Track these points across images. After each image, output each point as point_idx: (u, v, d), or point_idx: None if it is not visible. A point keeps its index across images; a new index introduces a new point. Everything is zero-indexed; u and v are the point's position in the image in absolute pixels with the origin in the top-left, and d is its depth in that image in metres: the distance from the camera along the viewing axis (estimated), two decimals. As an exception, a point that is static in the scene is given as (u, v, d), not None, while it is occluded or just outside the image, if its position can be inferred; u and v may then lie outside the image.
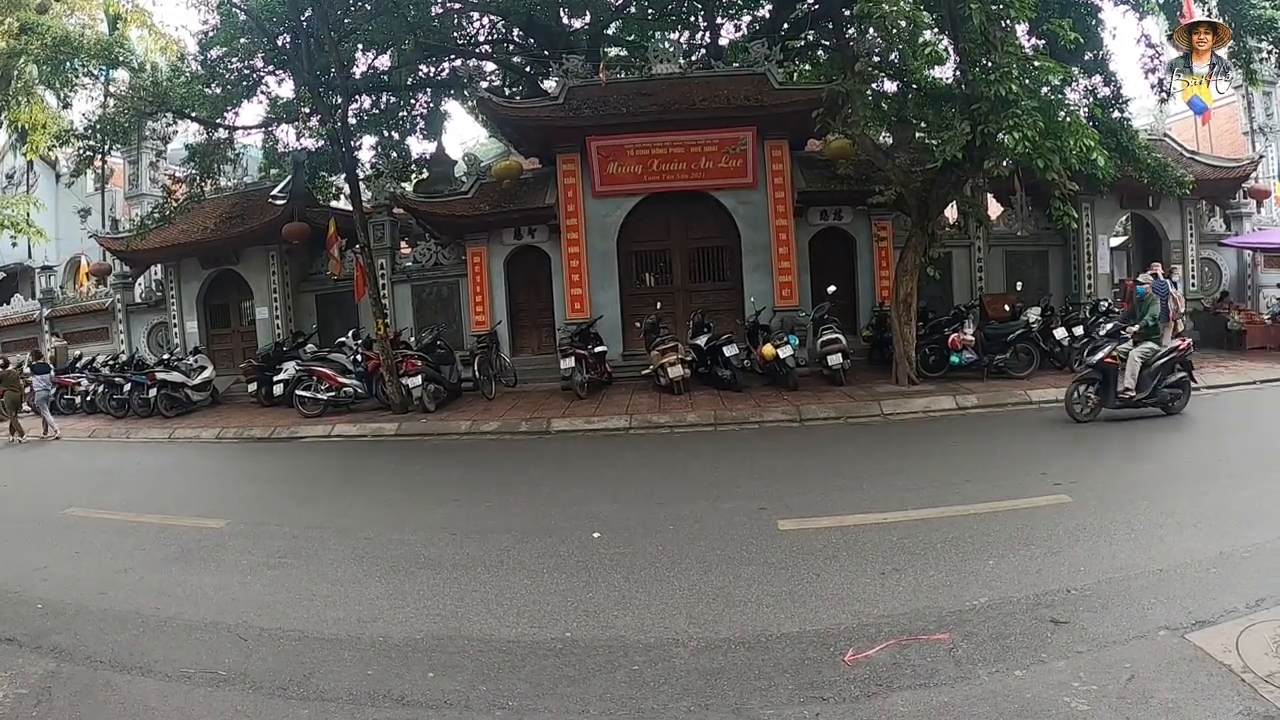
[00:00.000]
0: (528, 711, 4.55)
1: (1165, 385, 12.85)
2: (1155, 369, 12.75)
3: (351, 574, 7.13)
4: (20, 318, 28.62)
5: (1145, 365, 12.75)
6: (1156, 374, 12.75)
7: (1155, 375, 12.74)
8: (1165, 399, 12.86)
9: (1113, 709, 4.16)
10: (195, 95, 20.30)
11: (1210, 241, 22.83)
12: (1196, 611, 5.18)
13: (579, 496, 10.01)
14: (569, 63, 20.16)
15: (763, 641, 5.23)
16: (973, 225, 19.75)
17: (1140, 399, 12.66)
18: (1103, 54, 17.27)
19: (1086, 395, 12.91)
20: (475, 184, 21.18)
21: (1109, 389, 12.82)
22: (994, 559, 6.42)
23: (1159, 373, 12.77)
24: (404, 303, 22.28)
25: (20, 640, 5.86)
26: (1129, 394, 12.65)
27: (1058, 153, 13.34)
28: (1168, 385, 12.88)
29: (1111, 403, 12.77)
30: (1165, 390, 12.84)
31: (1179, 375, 13.05)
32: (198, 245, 23.02)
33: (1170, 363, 12.91)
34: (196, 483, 12.78)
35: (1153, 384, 12.74)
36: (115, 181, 31.31)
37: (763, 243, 20.21)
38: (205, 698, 4.89)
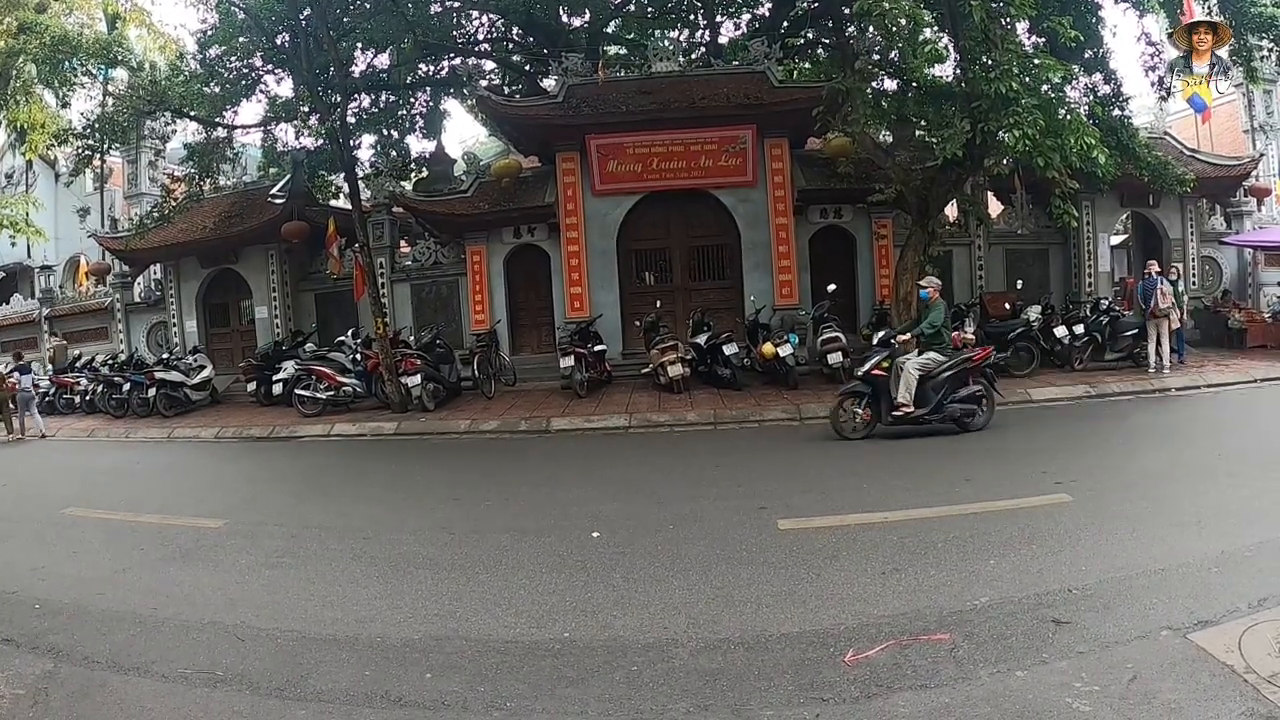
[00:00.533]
0: (526, 712, 4.53)
1: (954, 400, 11.98)
2: (941, 381, 11.97)
3: (349, 574, 7.11)
4: (19, 317, 28.62)
5: (929, 377, 11.99)
6: (941, 387, 11.96)
7: (940, 389, 11.94)
8: (955, 415, 12.02)
9: (1114, 710, 4.13)
10: (194, 94, 20.28)
11: (1211, 240, 22.82)
12: (1198, 611, 5.15)
13: (578, 496, 9.99)
14: (568, 61, 20.14)
15: (762, 642, 5.21)
16: (973, 223, 19.76)
17: (921, 415, 11.90)
18: (1103, 52, 17.24)
19: (854, 411, 12.28)
20: (474, 183, 21.16)
21: (881, 404, 12.13)
22: (995, 558, 6.39)
23: (944, 386, 11.96)
24: (403, 302, 22.27)
25: (17, 640, 5.84)
26: (905, 410, 11.88)
27: (1058, 151, 13.32)
28: (957, 400, 12.00)
29: (885, 419, 12.08)
30: (954, 406, 11.97)
31: (974, 389, 12.12)
32: (197, 244, 23.01)
33: (959, 375, 12.06)
34: (195, 482, 12.76)
35: (936, 398, 11.91)
36: (114, 181, 31.32)
37: (763, 241, 20.20)
38: (202, 698, 4.87)
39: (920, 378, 11.97)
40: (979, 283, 21.33)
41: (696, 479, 10.57)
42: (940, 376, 11.99)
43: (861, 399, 12.26)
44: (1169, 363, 16.36)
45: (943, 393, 11.95)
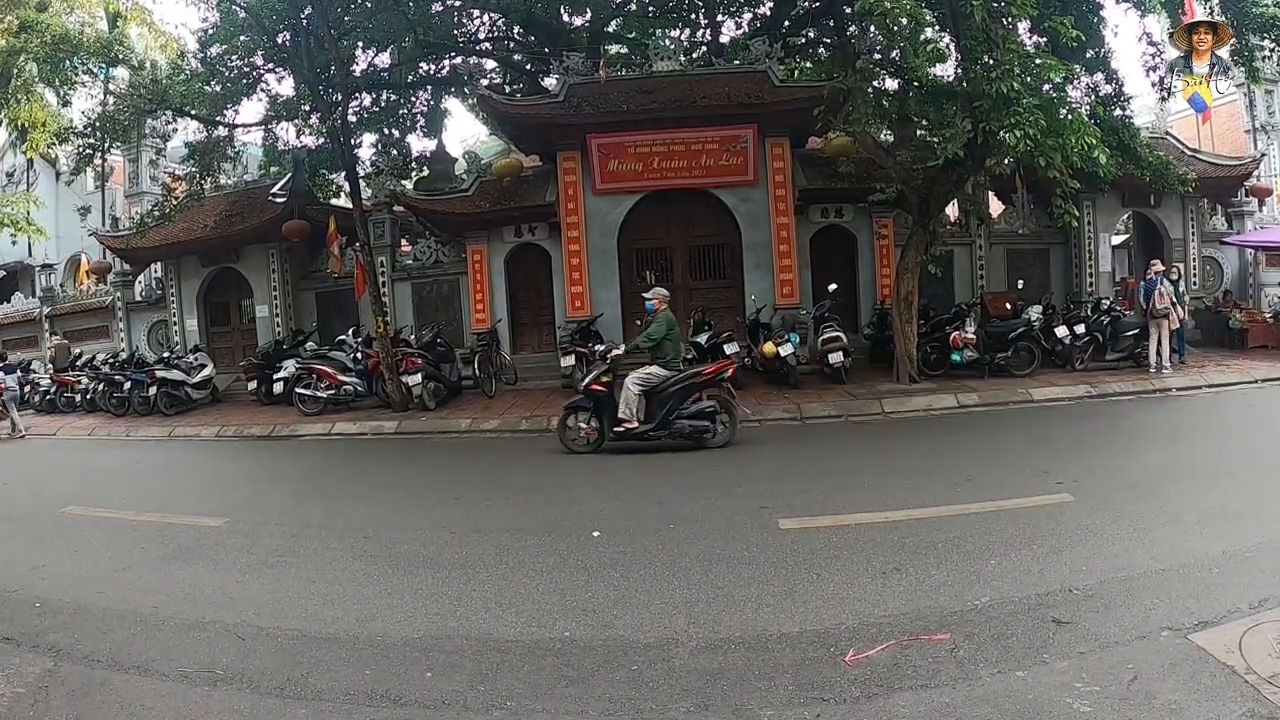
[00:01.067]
0: (526, 712, 4.52)
1: (682, 416, 11.79)
2: (667, 396, 11.84)
3: (350, 573, 7.11)
4: (20, 316, 28.67)
5: (654, 391, 11.91)
6: (668, 402, 11.80)
7: (666, 404, 11.79)
8: (685, 431, 11.80)
9: (1115, 710, 4.12)
10: (195, 93, 20.28)
11: (1212, 240, 22.85)
12: (1199, 612, 5.14)
13: (578, 495, 9.98)
14: (569, 60, 20.14)
15: (763, 641, 5.20)
16: (974, 223, 19.82)
17: (646, 430, 11.79)
18: (1104, 52, 17.24)
19: (579, 426, 12.24)
20: (475, 181, 21.18)
21: (606, 418, 12.03)
22: (996, 558, 6.39)
23: (670, 401, 11.80)
24: (404, 300, 22.29)
25: (18, 639, 5.83)
26: (628, 425, 11.79)
27: (1059, 151, 13.32)
28: (686, 416, 11.81)
29: (610, 434, 11.97)
30: (683, 422, 11.78)
31: (705, 405, 11.92)
32: (198, 243, 23.04)
33: (686, 390, 11.89)
34: (196, 481, 12.76)
35: (661, 414, 11.75)
36: (115, 179, 31.29)
37: (763, 240, 20.20)
38: (203, 697, 4.87)
39: (648, 392, 11.92)
40: (980, 282, 21.35)
41: (697, 478, 10.56)
42: (666, 391, 11.87)
43: (587, 413, 12.21)
44: (1169, 363, 16.36)
45: (668, 408, 11.80)
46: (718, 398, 12.13)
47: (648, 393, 11.88)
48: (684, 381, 11.89)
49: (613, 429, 11.86)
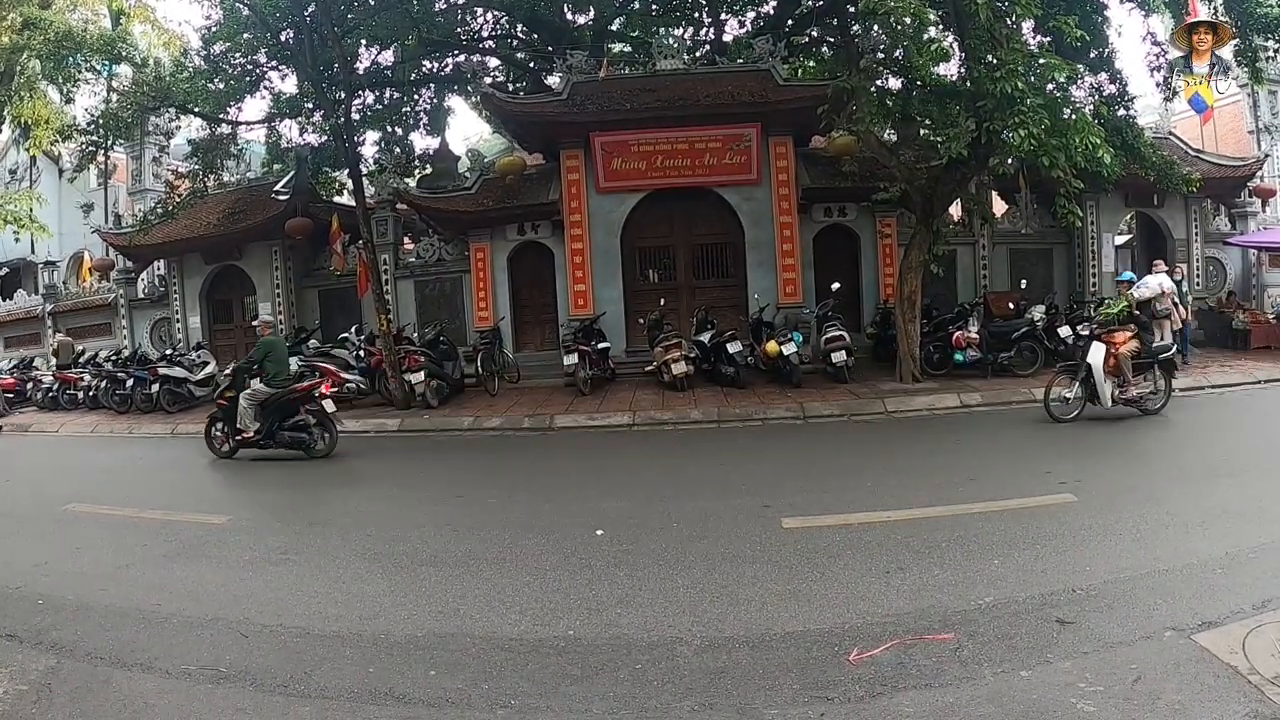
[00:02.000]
0: (530, 710, 4.53)
1: (284, 428, 12.83)
2: (270, 410, 12.85)
3: (353, 570, 7.11)
4: (23, 313, 28.69)
5: (264, 405, 12.86)
6: (270, 416, 12.83)
7: (269, 417, 12.82)
8: (287, 441, 12.75)
9: (1119, 710, 4.13)
10: (198, 90, 20.26)
11: (1215, 240, 22.84)
12: (1202, 612, 5.15)
13: (582, 493, 9.99)
14: (573, 58, 20.13)
15: (767, 640, 5.21)
16: (977, 223, 19.80)
17: (259, 440, 12.77)
18: (1108, 51, 17.20)
19: (216, 434, 13.34)
20: (479, 180, 21.18)
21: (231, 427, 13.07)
22: (999, 558, 6.39)
23: (273, 415, 12.83)
24: (407, 298, 22.29)
25: (21, 636, 5.84)
26: (245, 435, 12.80)
27: (1063, 150, 13.31)
28: (288, 428, 12.83)
29: (235, 441, 13.01)
30: (285, 433, 12.79)
31: (301, 418, 12.91)
32: (201, 241, 23.06)
33: (284, 405, 12.88)
34: (198, 478, 12.76)
35: (266, 425, 12.79)
36: (118, 177, 31.31)
37: (766, 239, 20.19)
38: (206, 694, 4.87)
39: (261, 405, 12.90)
40: (983, 282, 21.34)
41: (700, 477, 10.58)
42: (269, 406, 12.91)
43: (222, 423, 13.25)
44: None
45: (271, 420, 12.84)
46: (315, 412, 13.00)
47: (261, 406, 12.85)
48: (281, 398, 12.90)
49: (235, 437, 12.92)
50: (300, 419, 12.84)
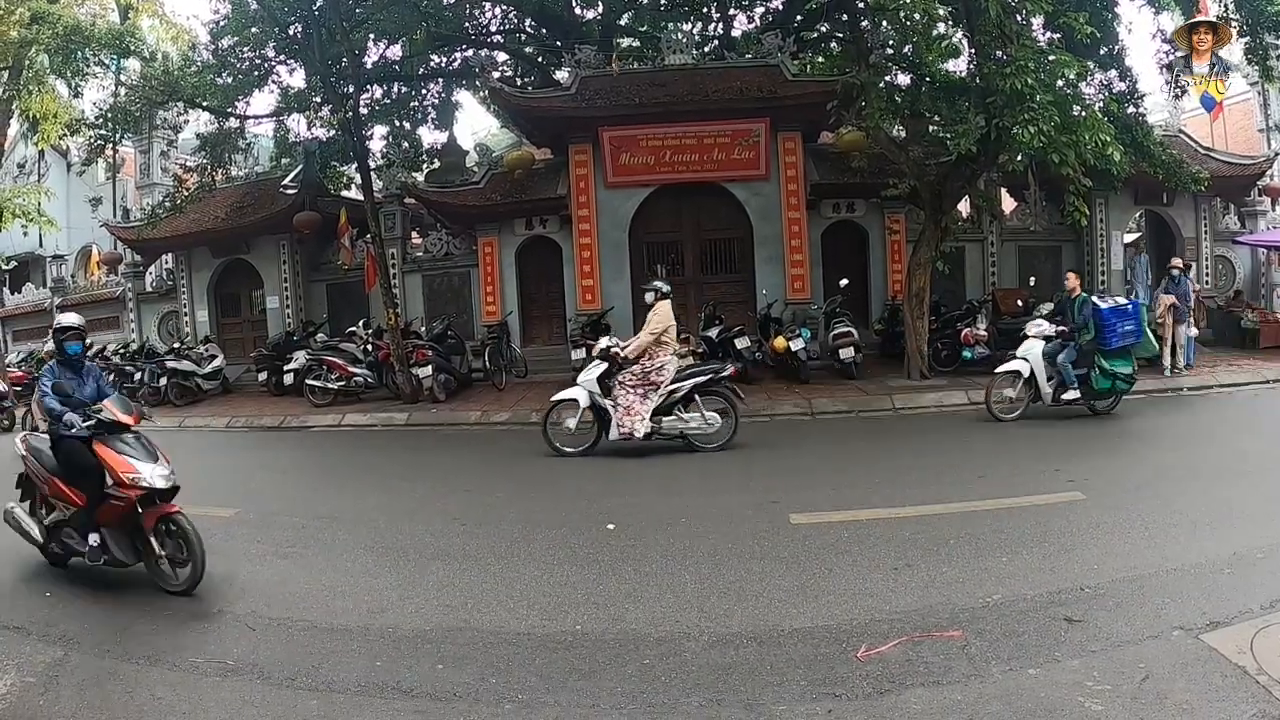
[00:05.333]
0: (537, 705, 4.53)
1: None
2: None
3: (361, 564, 7.12)
4: (31, 306, 28.74)
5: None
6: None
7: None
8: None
9: (1127, 709, 4.13)
10: (206, 85, 20.24)
11: (1224, 239, 22.71)
12: (1210, 612, 5.14)
13: (590, 488, 9.98)
14: (581, 53, 20.14)
15: (774, 636, 5.21)
16: (986, 219, 19.74)
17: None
18: (1118, 48, 17.15)
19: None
20: (487, 174, 21.20)
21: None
22: (1007, 556, 6.38)
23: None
24: (415, 292, 22.33)
25: (28, 628, 5.85)
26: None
27: (1073, 147, 13.27)
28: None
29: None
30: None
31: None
32: (208, 234, 23.10)
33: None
34: (206, 471, 12.74)
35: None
36: (126, 171, 31.36)
37: (775, 235, 20.17)
38: (213, 687, 4.88)
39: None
40: (991, 279, 21.28)
41: (708, 472, 10.56)
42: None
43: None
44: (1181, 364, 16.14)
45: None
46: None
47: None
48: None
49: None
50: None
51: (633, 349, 11.54)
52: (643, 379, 11.36)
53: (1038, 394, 12.75)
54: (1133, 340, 12.71)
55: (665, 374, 11.36)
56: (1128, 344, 12.67)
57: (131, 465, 6.69)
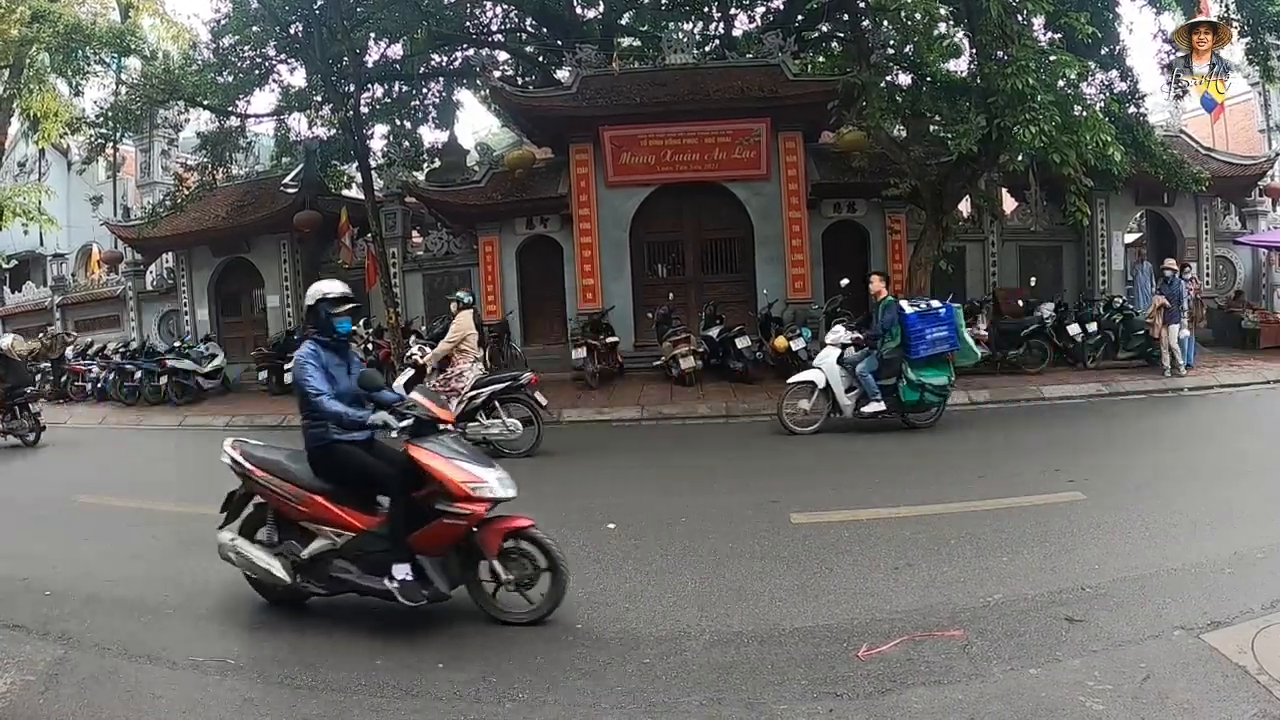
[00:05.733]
0: (538, 704, 4.53)
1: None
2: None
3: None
4: (32, 305, 28.74)
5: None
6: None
7: None
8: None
9: (1128, 709, 4.12)
10: (207, 83, 20.25)
11: (1225, 239, 22.72)
12: (1211, 612, 5.15)
13: (590, 487, 9.99)
14: (582, 53, 20.15)
15: (775, 636, 5.21)
16: (987, 219, 19.73)
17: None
18: (1119, 48, 17.17)
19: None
20: (487, 173, 21.20)
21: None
22: (1008, 555, 6.38)
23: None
24: (415, 292, 22.33)
25: (28, 627, 5.85)
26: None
27: (1074, 147, 13.29)
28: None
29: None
30: None
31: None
32: (209, 233, 23.11)
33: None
34: (206, 470, 12.73)
35: None
36: (127, 169, 31.35)
37: (775, 235, 20.17)
38: (214, 686, 4.88)
39: None
40: (992, 279, 21.27)
41: (709, 471, 10.58)
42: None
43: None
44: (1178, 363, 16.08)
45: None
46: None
47: None
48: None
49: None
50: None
51: (432, 356, 12.25)
52: (445, 386, 11.74)
53: (837, 405, 12.34)
54: (946, 348, 12.13)
55: (465, 380, 11.78)
56: (939, 351, 12.09)
57: (472, 473, 5.59)
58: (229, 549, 5.95)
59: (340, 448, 5.78)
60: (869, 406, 12.16)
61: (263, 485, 5.94)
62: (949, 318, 12.15)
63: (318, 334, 6.11)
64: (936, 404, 12.35)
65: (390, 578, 5.45)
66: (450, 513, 5.47)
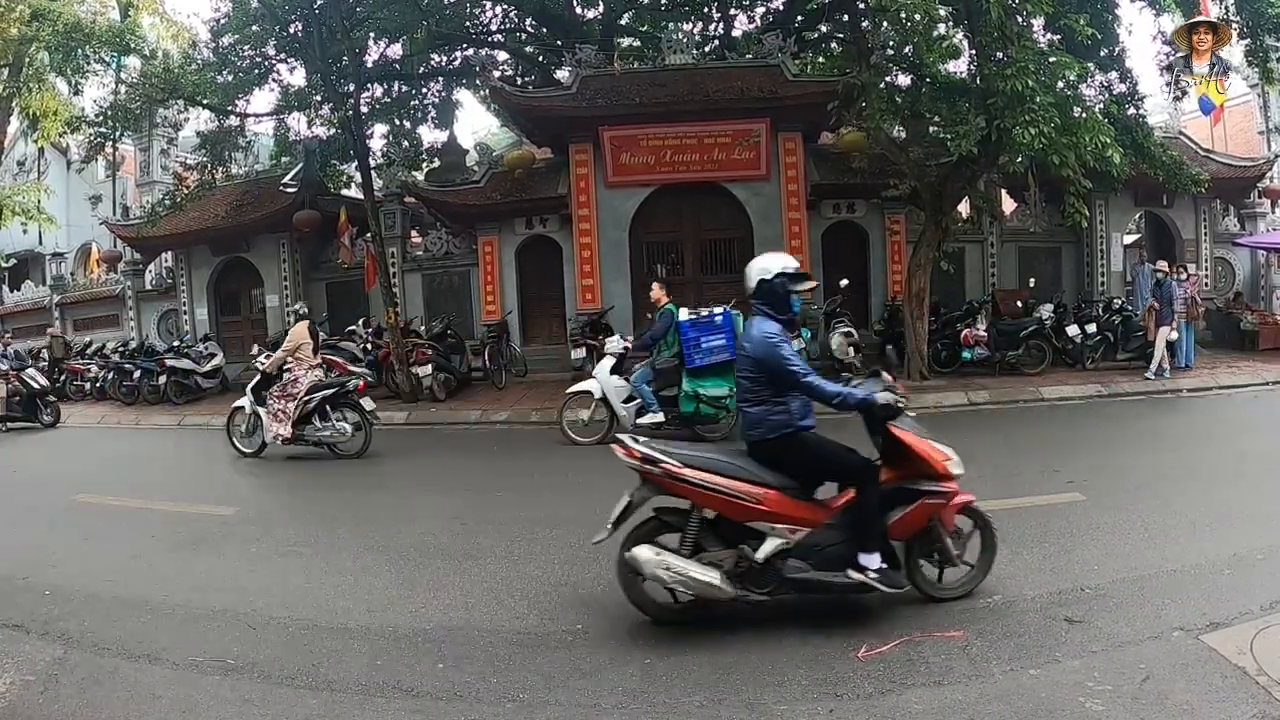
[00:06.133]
0: (539, 705, 4.54)
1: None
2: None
3: (361, 563, 7.11)
4: (31, 304, 28.72)
5: None
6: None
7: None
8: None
9: (1127, 709, 4.14)
10: (206, 83, 20.22)
11: (1224, 241, 22.74)
12: (1210, 613, 5.17)
13: (590, 486, 9.97)
14: (582, 53, 20.13)
15: (775, 636, 5.22)
16: (986, 220, 19.74)
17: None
18: (1119, 50, 17.18)
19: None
20: (487, 173, 21.19)
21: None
22: (1007, 556, 6.35)
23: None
24: (415, 291, 22.32)
25: (27, 626, 5.85)
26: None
27: (1073, 149, 13.30)
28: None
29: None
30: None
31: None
32: (208, 232, 23.08)
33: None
34: (206, 469, 12.79)
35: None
36: (126, 169, 31.36)
37: (775, 235, 20.13)
38: (213, 686, 4.88)
39: None
40: (991, 280, 21.28)
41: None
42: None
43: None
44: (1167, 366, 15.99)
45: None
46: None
47: None
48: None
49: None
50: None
51: (269, 364, 12.75)
52: (283, 391, 12.37)
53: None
54: (725, 356, 11.58)
55: (299, 386, 12.26)
56: (718, 360, 11.68)
57: (946, 450, 5.65)
58: (655, 566, 5.19)
59: (808, 436, 5.50)
60: (645, 418, 12.05)
61: (696, 486, 5.28)
62: (726, 325, 11.82)
63: (770, 309, 5.53)
64: (713, 415, 11.99)
65: (856, 569, 5.27)
66: (934, 492, 5.47)
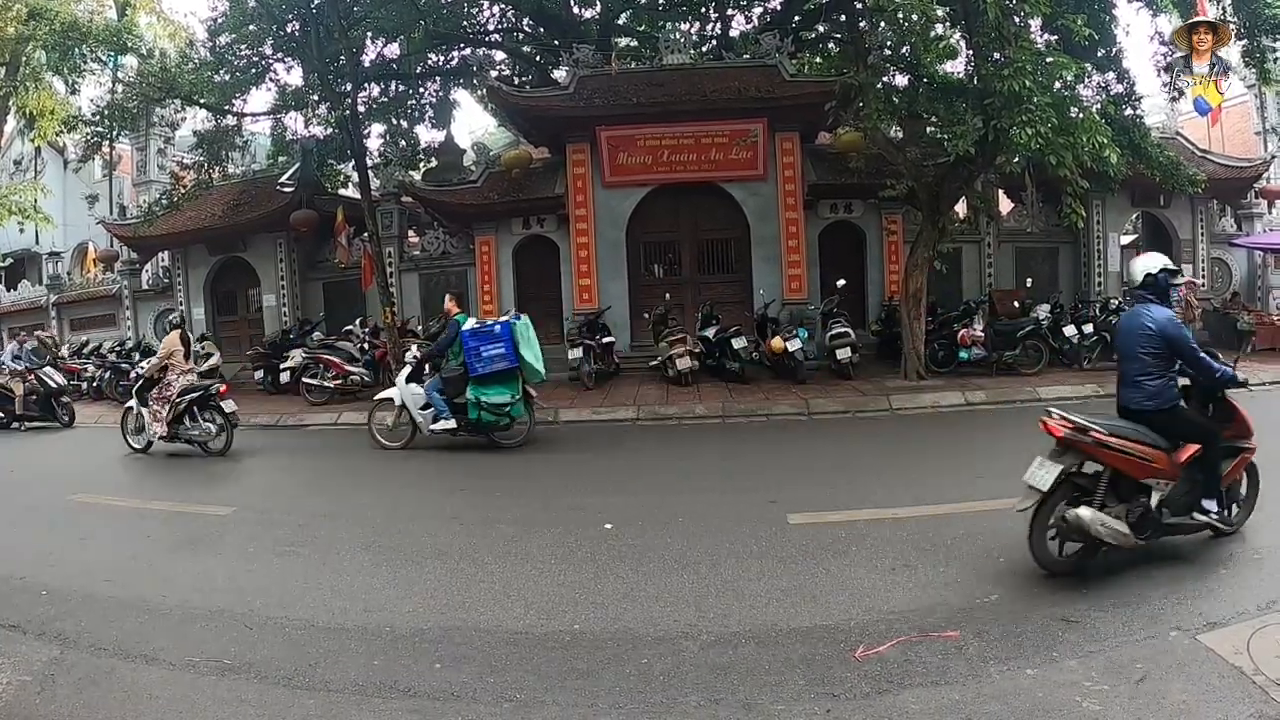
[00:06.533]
0: (535, 704, 4.53)
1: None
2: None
3: (358, 563, 7.10)
4: (27, 303, 28.72)
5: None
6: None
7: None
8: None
9: (1124, 709, 4.14)
10: (203, 82, 20.23)
11: (1221, 241, 22.80)
12: (1207, 613, 5.17)
13: (587, 487, 9.99)
14: (579, 52, 20.18)
15: (772, 636, 5.21)
16: (983, 221, 19.76)
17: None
18: (1116, 50, 17.17)
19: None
20: (484, 173, 21.23)
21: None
22: (1005, 556, 6.38)
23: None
24: (411, 291, 22.36)
25: (24, 627, 5.83)
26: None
27: (1070, 149, 13.28)
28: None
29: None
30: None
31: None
32: (205, 232, 23.14)
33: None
34: (203, 469, 12.77)
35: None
36: (123, 168, 31.31)
37: (772, 235, 20.19)
38: (210, 686, 4.87)
39: None
40: (988, 280, 21.31)
41: (706, 472, 10.57)
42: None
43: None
44: None
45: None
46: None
47: None
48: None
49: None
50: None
51: (146, 369, 13.81)
52: (159, 394, 13.33)
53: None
54: (504, 365, 11.94)
55: (171, 390, 13.22)
56: (499, 369, 11.94)
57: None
58: (1095, 522, 5.82)
59: (1187, 408, 6.54)
60: (438, 424, 12.40)
61: (1116, 450, 5.99)
62: (505, 335, 12.01)
63: (1156, 301, 6.51)
64: (494, 423, 12.26)
65: (1200, 513, 6.24)
66: (1250, 448, 6.78)
